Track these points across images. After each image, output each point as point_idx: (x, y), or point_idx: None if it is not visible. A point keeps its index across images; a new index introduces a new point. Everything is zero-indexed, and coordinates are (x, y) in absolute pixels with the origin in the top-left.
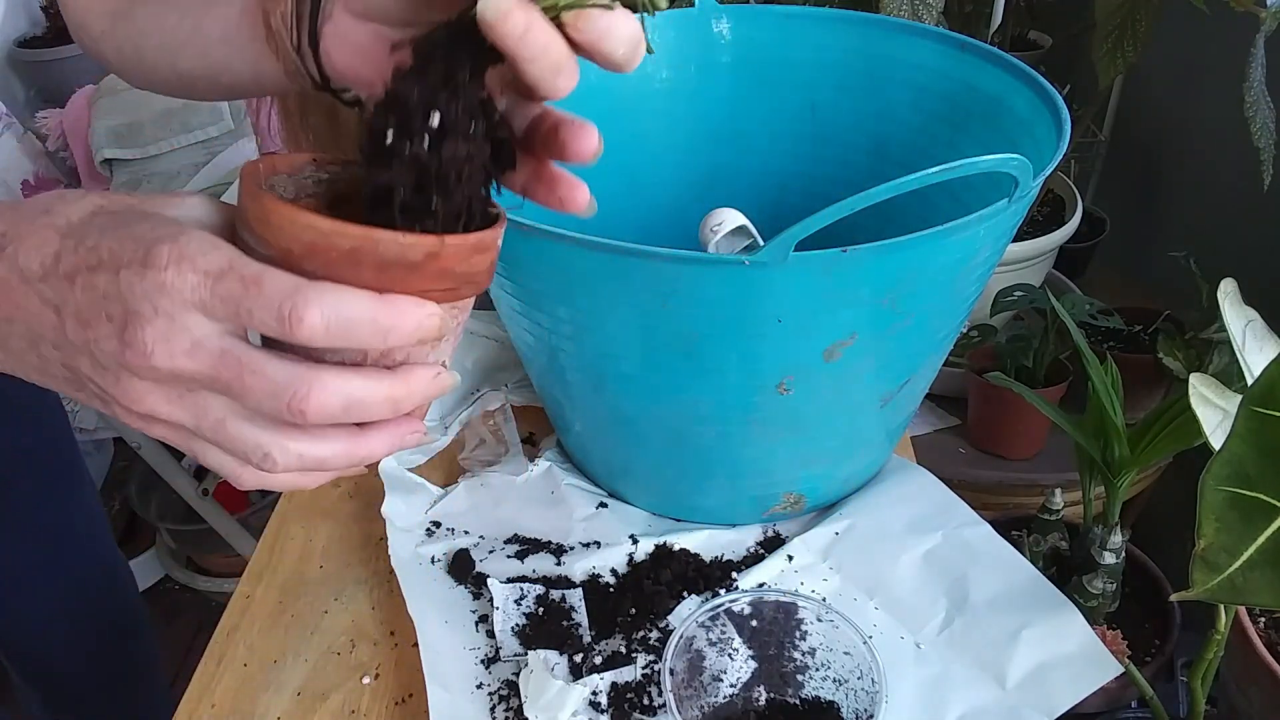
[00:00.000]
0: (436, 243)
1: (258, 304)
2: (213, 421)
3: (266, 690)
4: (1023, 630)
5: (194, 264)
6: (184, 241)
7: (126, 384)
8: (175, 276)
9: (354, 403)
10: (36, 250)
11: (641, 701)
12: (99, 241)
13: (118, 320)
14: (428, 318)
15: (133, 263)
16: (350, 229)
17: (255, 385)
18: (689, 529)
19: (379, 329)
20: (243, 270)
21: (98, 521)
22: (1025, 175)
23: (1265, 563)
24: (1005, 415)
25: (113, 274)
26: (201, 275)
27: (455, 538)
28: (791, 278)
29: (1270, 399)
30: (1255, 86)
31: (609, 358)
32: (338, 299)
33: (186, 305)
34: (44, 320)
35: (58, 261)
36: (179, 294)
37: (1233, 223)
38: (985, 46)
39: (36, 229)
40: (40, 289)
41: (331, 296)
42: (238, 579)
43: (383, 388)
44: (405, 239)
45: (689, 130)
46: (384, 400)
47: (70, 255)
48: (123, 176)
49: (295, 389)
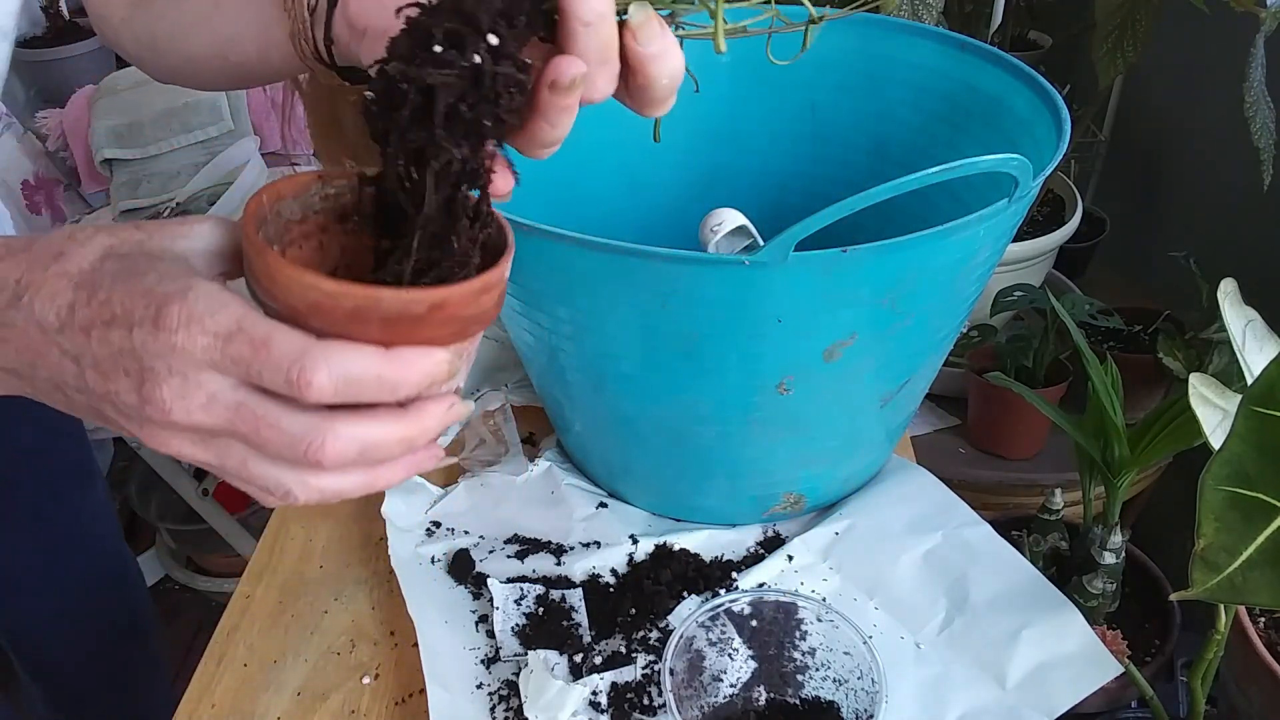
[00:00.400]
0: (441, 295)
1: (266, 366)
2: (236, 463)
3: (266, 690)
4: (1023, 630)
5: (203, 325)
6: (192, 300)
7: (149, 431)
8: (186, 339)
9: (368, 446)
10: (51, 300)
11: (641, 701)
12: (110, 294)
13: (134, 376)
14: (435, 366)
15: (144, 321)
16: (353, 290)
17: (271, 437)
18: (689, 529)
19: (386, 385)
20: (251, 332)
21: (107, 520)
22: (1025, 175)
23: (1265, 563)
24: (1005, 415)
25: (126, 331)
26: (211, 337)
27: (455, 538)
28: (791, 278)
29: (1270, 399)
30: (1255, 86)
31: (609, 358)
32: (344, 359)
33: (199, 365)
34: (65, 369)
35: (72, 313)
36: (191, 356)
37: (1233, 223)
38: (985, 46)
39: (50, 278)
40: (59, 340)
41: (338, 357)
42: (238, 579)
43: (397, 429)
44: (408, 295)
45: (689, 130)
46: (398, 441)
47: (84, 308)
48: (123, 176)
49: (310, 440)
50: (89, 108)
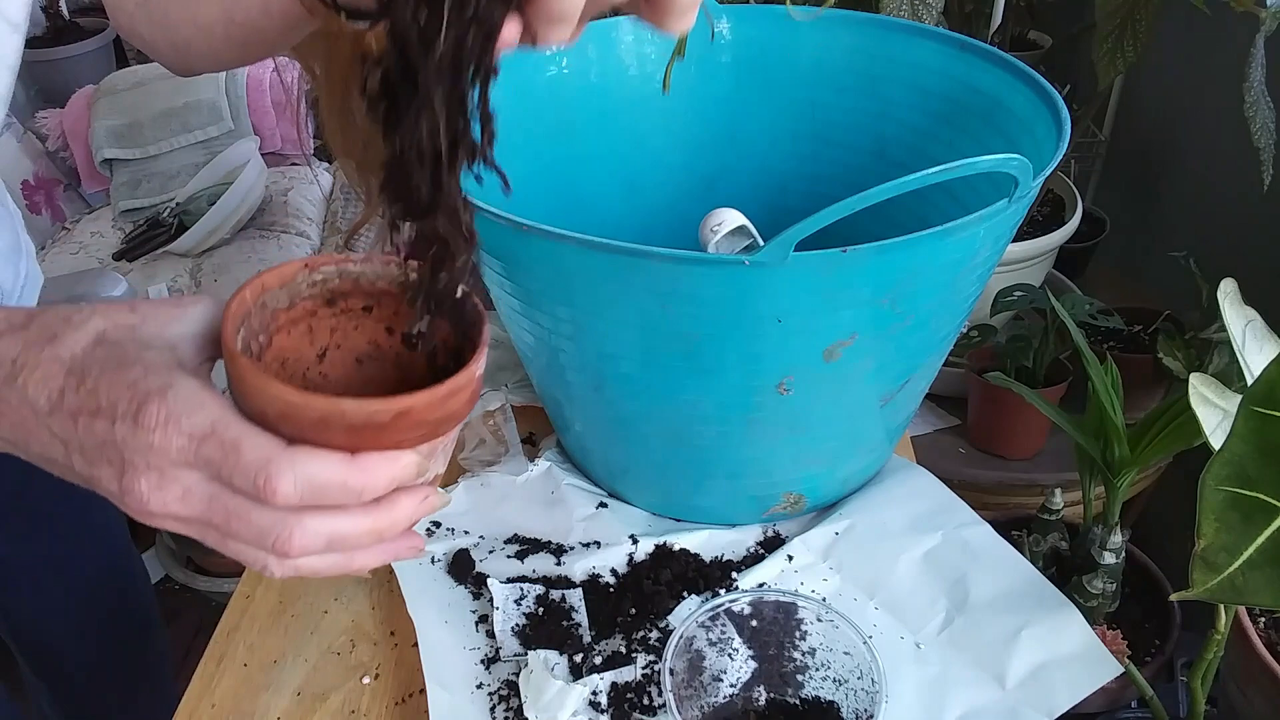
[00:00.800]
0: (406, 403)
1: (236, 470)
2: (214, 541)
3: (266, 690)
4: (1023, 630)
5: (179, 426)
6: (171, 399)
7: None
8: (162, 439)
9: (337, 539)
10: (43, 384)
11: (641, 701)
12: (97, 383)
13: (116, 466)
14: (402, 470)
15: (126, 416)
16: (316, 401)
17: (241, 529)
18: (689, 529)
19: (351, 491)
20: (223, 435)
21: (113, 520)
22: (1025, 175)
23: (1265, 563)
24: (1005, 415)
25: (109, 423)
26: (187, 438)
27: (455, 538)
28: (791, 278)
29: (1270, 399)
30: (1255, 86)
31: (609, 358)
32: (308, 467)
33: (175, 463)
34: (55, 449)
35: (62, 398)
36: (167, 454)
37: (1233, 223)
38: (985, 46)
39: (43, 361)
40: (49, 423)
41: (303, 464)
42: (238, 579)
43: (365, 522)
44: (371, 405)
45: (689, 130)
46: (367, 533)
47: (72, 394)
48: (123, 176)
49: (278, 534)
50: (89, 108)
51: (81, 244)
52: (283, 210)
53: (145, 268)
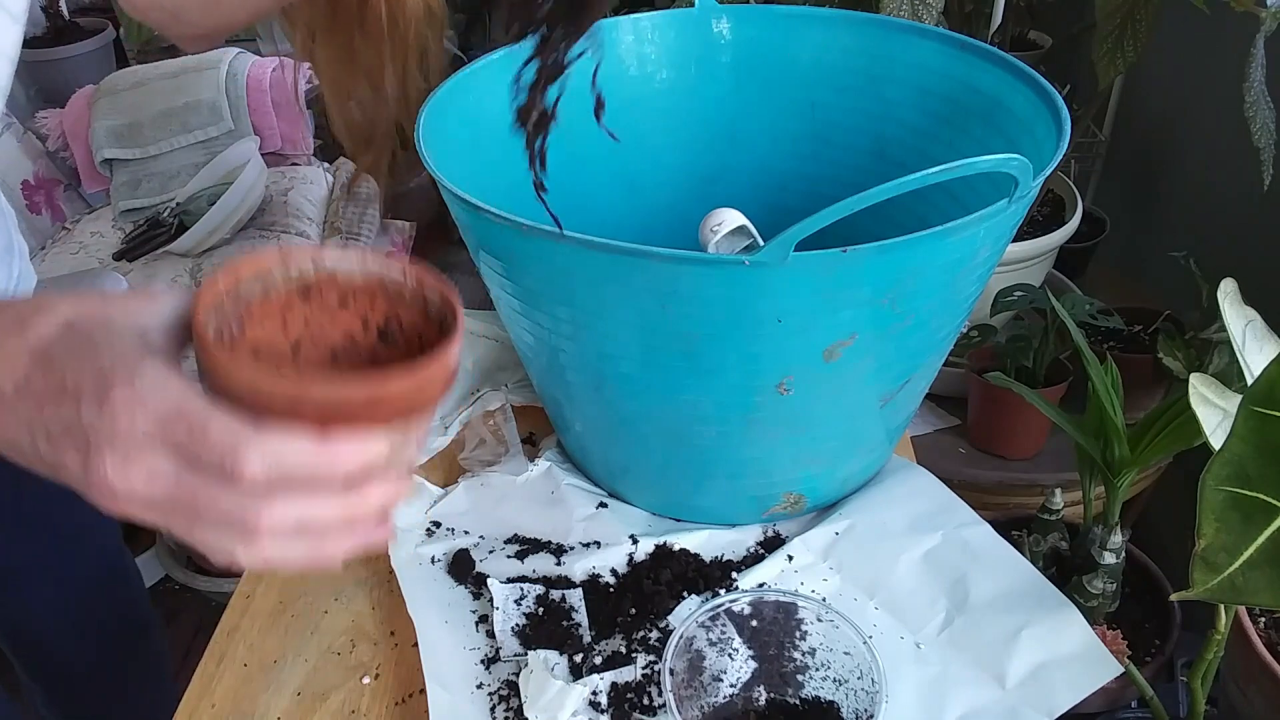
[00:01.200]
0: (377, 386)
1: (203, 451)
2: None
3: (266, 690)
4: (1023, 630)
5: (145, 407)
6: (138, 382)
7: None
8: (128, 421)
9: (306, 522)
10: (10, 371)
11: (641, 701)
12: (63, 370)
13: (81, 450)
14: (374, 453)
15: (92, 399)
16: (285, 384)
17: (208, 511)
18: (689, 529)
19: (320, 472)
20: (190, 416)
21: (107, 521)
22: (1025, 175)
23: (1265, 563)
24: (1005, 415)
25: (74, 406)
26: (153, 420)
27: (455, 538)
28: (791, 278)
29: (1270, 399)
30: (1255, 86)
31: (609, 358)
32: (277, 447)
33: (140, 445)
34: (21, 435)
35: (28, 383)
36: (133, 436)
37: (1233, 223)
38: (985, 46)
39: (10, 348)
40: (15, 409)
41: (271, 445)
42: (238, 579)
43: (335, 506)
44: (342, 391)
45: (689, 130)
46: (337, 518)
47: (39, 379)
48: (123, 176)
49: (245, 517)
50: (89, 108)
51: (82, 244)
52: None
53: (145, 268)
